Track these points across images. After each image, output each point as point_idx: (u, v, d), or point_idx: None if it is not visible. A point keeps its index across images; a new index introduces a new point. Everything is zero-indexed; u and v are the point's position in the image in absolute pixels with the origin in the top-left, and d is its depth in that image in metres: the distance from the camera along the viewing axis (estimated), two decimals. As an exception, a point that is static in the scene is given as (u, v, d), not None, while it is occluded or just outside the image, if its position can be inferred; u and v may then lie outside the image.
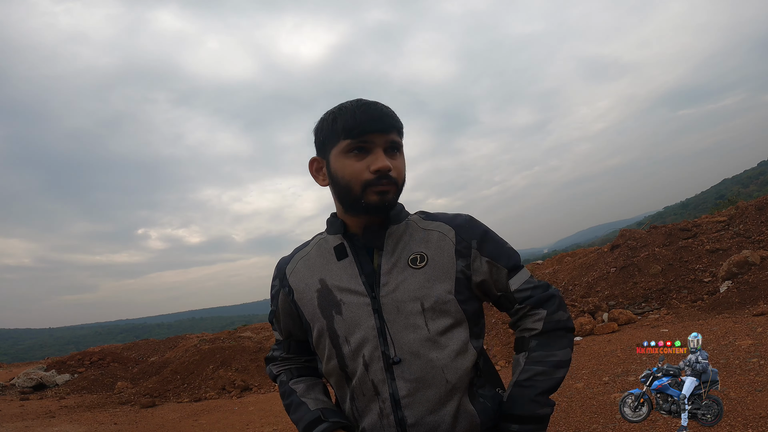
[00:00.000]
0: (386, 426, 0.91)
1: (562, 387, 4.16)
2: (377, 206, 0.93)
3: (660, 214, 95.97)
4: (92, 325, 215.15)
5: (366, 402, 0.94)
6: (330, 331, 0.96)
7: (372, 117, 0.92)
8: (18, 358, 51.46)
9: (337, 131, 0.94)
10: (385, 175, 0.92)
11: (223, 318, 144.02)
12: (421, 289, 0.93)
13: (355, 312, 0.94)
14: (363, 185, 0.92)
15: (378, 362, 0.92)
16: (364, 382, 0.93)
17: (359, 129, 0.92)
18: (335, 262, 0.99)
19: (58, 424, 6.31)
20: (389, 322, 0.92)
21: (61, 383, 10.39)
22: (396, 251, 0.97)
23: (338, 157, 0.95)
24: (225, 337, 12.34)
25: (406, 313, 0.92)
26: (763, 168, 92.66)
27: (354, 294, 0.95)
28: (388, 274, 0.95)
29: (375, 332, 0.92)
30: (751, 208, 8.23)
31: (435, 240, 0.98)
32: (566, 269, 10.19)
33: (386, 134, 0.93)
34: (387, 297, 0.93)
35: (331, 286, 0.97)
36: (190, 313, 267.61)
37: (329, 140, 0.96)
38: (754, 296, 5.57)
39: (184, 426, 5.89)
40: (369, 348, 0.92)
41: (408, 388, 0.90)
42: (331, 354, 0.96)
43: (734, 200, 13.39)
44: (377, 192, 0.92)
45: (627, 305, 7.05)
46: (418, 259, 0.95)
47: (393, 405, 0.91)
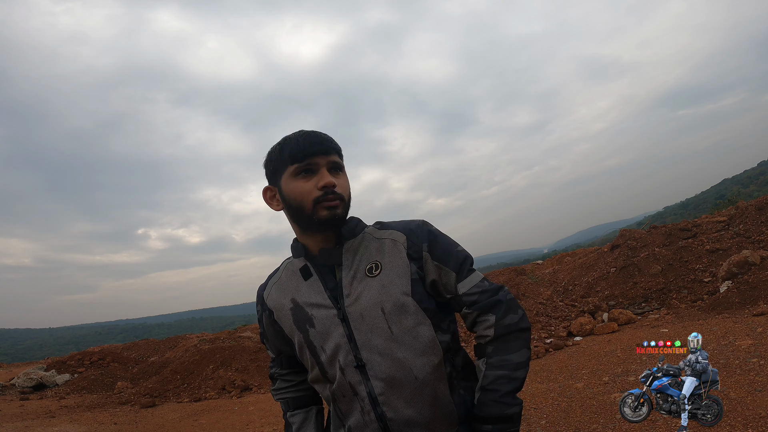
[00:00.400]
0: (369, 422, 1.01)
1: (562, 387, 4.16)
2: (329, 220, 1.03)
3: (660, 214, 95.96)
4: (92, 325, 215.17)
5: (347, 402, 1.03)
6: (307, 343, 1.06)
7: (313, 142, 1.04)
8: (18, 358, 51.48)
9: (284, 159, 1.05)
10: (331, 191, 1.03)
11: (223, 318, 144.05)
12: (379, 295, 1.02)
13: (325, 323, 1.04)
14: (313, 202, 1.03)
15: (351, 366, 1.01)
16: (343, 385, 1.02)
17: (303, 153, 1.03)
18: (303, 282, 1.09)
19: (58, 424, 6.31)
20: (356, 329, 1.01)
21: (61, 383, 10.39)
22: (354, 264, 1.06)
23: (288, 181, 1.05)
24: (225, 337, 12.33)
25: (370, 319, 1.01)
26: (763, 168, 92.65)
27: (322, 308, 1.05)
28: (350, 286, 1.04)
29: (345, 339, 1.02)
30: (751, 208, 8.23)
31: (388, 247, 1.06)
32: (566, 269, 10.19)
33: (327, 156, 1.05)
34: (351, 306, 1.03)
35: (302, 304, 1.08)
36: (190, 313, 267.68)
37: (278, 168, 1.07)
38: (754, 296, 5.57)
39: (184, 426, 5.89)
40: (342, 354, 1.02)
41: (382, 387, 1.00)
42: (313, 363, 1.07)
43: (734, 200, 13.39)
44: (327, 207, 1.02)
45: (627, 305, 7.05)
46: (374, 267, 1.05)
47: (371, 403, 1.00)
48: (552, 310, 7.15)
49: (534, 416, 3.59)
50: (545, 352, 5.78)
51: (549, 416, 3.52)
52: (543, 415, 3.56)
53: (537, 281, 9.55)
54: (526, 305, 7.25)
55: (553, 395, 3.98)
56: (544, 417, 3.52)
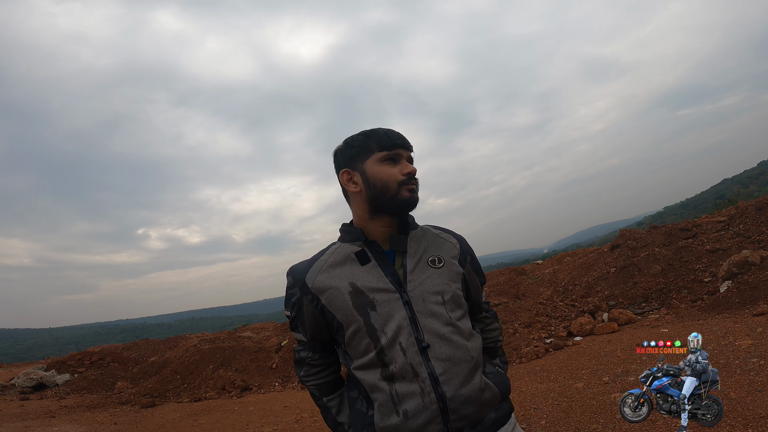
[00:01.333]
0: (428, 403, 1.06)
1: (563, 387, 4.16)
2: (409, 201, 1.17)
3: (660, 214, 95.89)
4: (92, 325, 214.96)
5: (406, 384, 1.08)
6: (367, 326, 1.11)
7: (400, 136, 1.21)
8: (18, 358, 51.45)
9: (371, 146, 1.19)
10: (414, 177, 1.19)
11: (223, 318, 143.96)
12: (440, 285, 1.15)
13: (388, 307, 1.11)
14: (398, 184, 1.17)
15: (414, 347, 1.08)
16: (404, 366, 1.07)
17: (392, 143, 1.19)
18: (359, 267, 1.16)
19: (58, 424, 6.31)
20: (418, 312, 1.11)
21: (61, 383, 10.38)
22: (417, 253, 1.19)
23: (375, 165, 1.19)
24: (225, 337, 12.33)
25: (431, 304, 1.12)
26: (763, 168, 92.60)
27: (385, 292, 1.12)
28: (413, 272, 1.15)
29: (407, 321, 1.10)
30: (751, 208, 8.23)
31: (448, 247, 1.23)
32: (566, 269, 10.19)
33: (408, 150, 1.23)
34: (414, 291, 1.13)
35: (362, 288, 1.13)
36: (190, 313, 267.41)
37: (362, 154, 1.20)
38: (754, 296, 5.57)
39: (184, 426, 5.89)
40: (404, 335, 1.09)
41: (443, 367, 1.08)
42: (368, 347, 1.11)
43: (734, 200, 13.39)
44: (409, 190, 1.17)
45: (627, 305, 7.05)
46: (437, 260, 1.19)
47: (432, 383, 1.07)
48: (552, 310, 7.15)
49: (534, 416, 3.59)
50: (545, 352, 5.78)
51: (549, 416, 3.52)
52: (543, 415, 3.56)
53: (537, 281, 9.55)
54: (526, 305, 7.25)
55: (553, 395, 3.98)
56: (544, 417, 3.52)
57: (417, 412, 1.05)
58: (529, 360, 5.65)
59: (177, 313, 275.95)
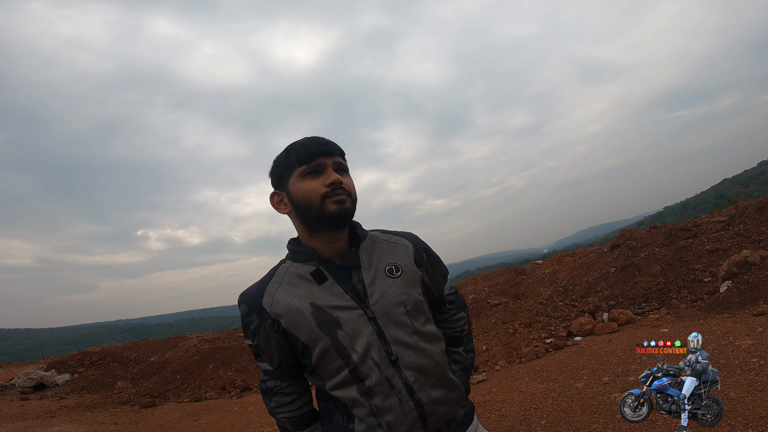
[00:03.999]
0: (408, 411, 1.07)
1: (563, 387, 4.16)
2: (337, 213, 1.08)
3: (660, 214, 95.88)
4: (92, 325, 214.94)
5: (384, 397, 1.08)
6: (335, 345, 1.07)
7: (318, 144, 1.11)
8: (18, 358, 51.44)
9: (292, 162, 1.11)
10: (339, 186, 1.09)
11: (223, 318, 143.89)
12: (401, 294, 1.12)
13: (354, 324, 1.08)
14: (322, 197, 1.08)
15: (385, 360, 1.07)
16: (380, 380, 1.07)
17: (310, 155, 1.10)
18: (317, 286, 1.11)
19: (58, 424, 6.31)
20: (383, 326, 1.09)
21: (61, 383, 10.39)
22: (372, 265, 1.14)
23: (296, 182, 1.11)
24: (225, 337, 12.33)
25: (395, 316, 1.10)
26: (763, 168, 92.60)
27: (348, 310, 1.09)
28: (372, 286, 1.11)
29: (375, 337, 1.08)
30: (751, 208, 8.22)
31: (401, 251, 1.19)
32: (566, 269, 10.19)
33: (332, 157, 1.12)
34: (376, 305, 1.10)
35: (324, 307, 1.09)
36: (190, 313, 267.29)
37: (285, 172, 1.13)
38: (754, 296, 5.56)
39: (184, 426, 5.89)
40: (375, 350, 1.07)
41: (414, 375, 1.09)
42: (340, 366, 1.08)
43: (734, 200, 13.39)
44: (335, 201, 1.08)
45: (627, 305, 7.05)
46: (394, 269, 1.15)
47: (408, 392, 1.07)
48: (552, 310, 7.14)
49: (534, 416, 3.59)
50: (545, 352, 5.78)
51: (549, 416, 3.52)
52: (543, 415, 3.56)
53: (537, 281, 9.55)
54: (526, 305, 7.25)
55: (553, 395, 3.98)
56: (544, 417, 3.52)
57: (398, 422, 1.07)
58: (529, 360, 5.65)
59: (177, 313, 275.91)
